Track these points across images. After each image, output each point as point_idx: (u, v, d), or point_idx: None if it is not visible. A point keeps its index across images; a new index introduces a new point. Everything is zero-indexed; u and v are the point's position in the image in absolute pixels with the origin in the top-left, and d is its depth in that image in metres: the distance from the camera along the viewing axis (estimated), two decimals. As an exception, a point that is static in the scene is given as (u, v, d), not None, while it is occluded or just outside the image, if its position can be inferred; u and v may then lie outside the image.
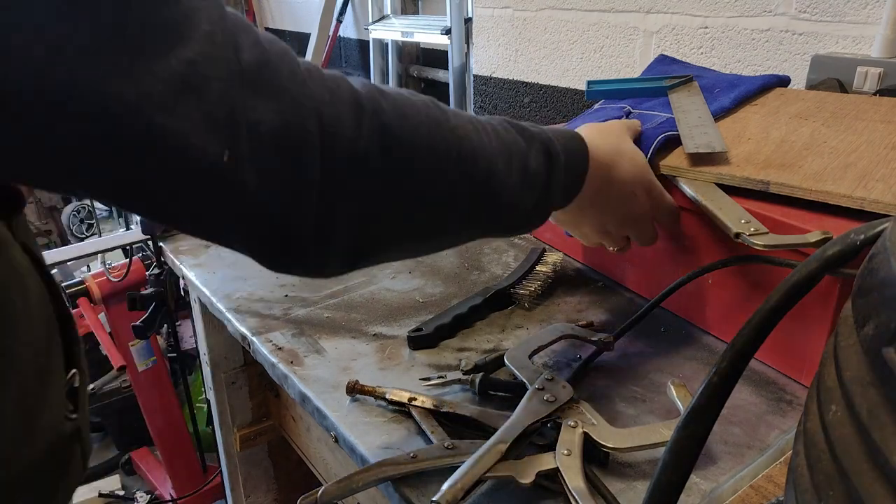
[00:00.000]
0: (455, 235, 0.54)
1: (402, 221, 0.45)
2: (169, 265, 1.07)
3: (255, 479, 1.27)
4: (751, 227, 0.63)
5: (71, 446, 0.51)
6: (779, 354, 0.69)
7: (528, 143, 0.54)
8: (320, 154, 0.38)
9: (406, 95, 0.45)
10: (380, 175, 0.41)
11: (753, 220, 0.64)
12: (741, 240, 0.62)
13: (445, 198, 0.47)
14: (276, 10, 2.99)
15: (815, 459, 0.24)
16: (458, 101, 1.76)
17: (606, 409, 0.65)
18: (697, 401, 0.32)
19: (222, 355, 1.12)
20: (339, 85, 0.40)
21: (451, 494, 0.51)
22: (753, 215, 0.65)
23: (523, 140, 0.54)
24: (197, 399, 1.95)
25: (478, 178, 0.48)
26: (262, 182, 0.37)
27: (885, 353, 0.21)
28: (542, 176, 0.55)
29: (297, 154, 0.37)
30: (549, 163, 0.56)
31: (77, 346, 0.54)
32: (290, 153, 0.37)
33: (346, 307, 0.86)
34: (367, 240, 0.44)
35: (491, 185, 0.49)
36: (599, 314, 0.83)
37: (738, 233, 0.63)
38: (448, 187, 0.46)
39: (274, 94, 0.37)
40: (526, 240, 1.05)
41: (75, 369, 0.53)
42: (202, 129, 0.34)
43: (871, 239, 0.29)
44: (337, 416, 0.65)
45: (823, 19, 0.97)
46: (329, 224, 0.40)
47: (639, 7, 1.22)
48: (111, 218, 3.45)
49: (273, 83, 0.37)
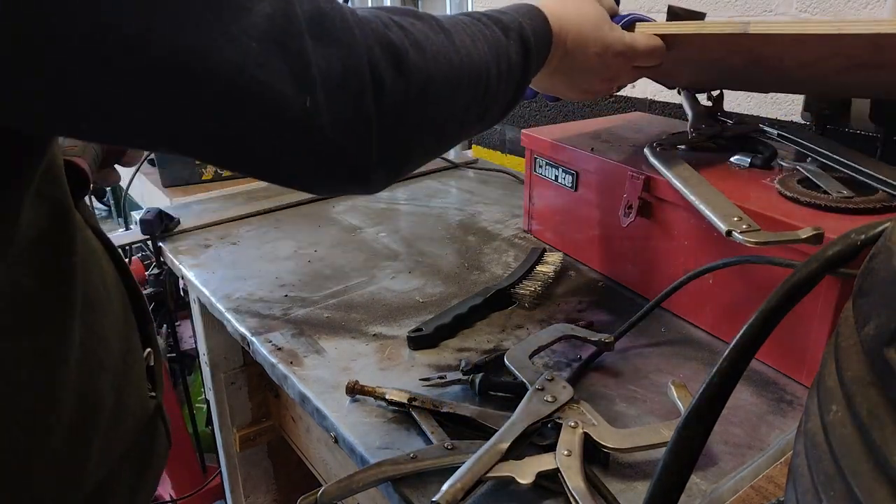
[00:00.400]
0: (460, 138, 0.59)
1: (429, 139, 0.51)
2: (168, 265, 1.07)
3: (254, 480, 1.27)
4: (742, 225, 0.62)
5: (155, 423, 0.56)
6: (779, 354, 0.69)
7: (507, 37, 0.57)
8: (373, 93, 0.42)
9: (419, 27, 0.48)
10: (413, 105, 0.46)
11: (745, 217, 0.63)
12: (732, 237, 0.62)
13: (459, 115, 0.52)
14: (276, 11, 2.99)
15: (815, 459, 0.24)
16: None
17: (606, 409, 0.65)
18: (697, 401, 0.32)
19: (222, 355, 1.12)
20: (375, 28, 0.44)
21: (451, 494, 0.51)
22: (745, 212, 0.64)
23: (504, 35, 0.56)
24: (197, 399, 1.94)
25: (481, 92, 0.53)
26: (334, 123, 0.40)
27: (885, 353, 0.21)
28: (520, 67, 0.58)
29: (359, 95, 0.41)
30: (526, 54, 0.58)
31: (150, 326, 0.57)
32: (353, 95, 0.41)
33: (346, 307, 0.86)
34: (406, 157, 0.50)
35: (489, 94, 0.54)
36: (599, 314, 0.83)
37: (729, 230, 0.62)
38: (462, 108, 0.52)
39: (335, 42, 0.40)
40: (526, 240, 1.05)
41: (150, 348, 0.56)
42: (289, 82, 0.37)
43: (872, 239, 0.29)
44: (337, 417, 0.65)
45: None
46: (384, 151, 0.45)
47: (639, 7, 1.22)
48: (111, 218, 3.45)
49: (332, 32, 0.40)
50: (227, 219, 1.16)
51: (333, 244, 1.05)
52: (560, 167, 0.96)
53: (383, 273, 0.95)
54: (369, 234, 1.10)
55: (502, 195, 1.27)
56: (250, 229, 1.13)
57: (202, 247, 1.06)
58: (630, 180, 0.81)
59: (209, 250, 1.04)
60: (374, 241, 1.07)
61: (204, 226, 1.14)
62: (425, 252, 1.02)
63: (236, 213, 1.18)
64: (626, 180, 0.81)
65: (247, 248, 1.05)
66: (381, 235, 1.09)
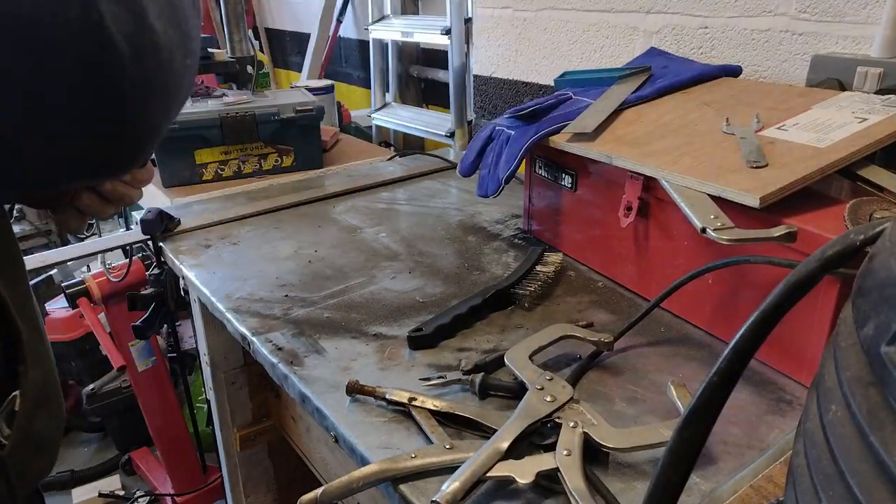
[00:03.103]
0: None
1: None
2: (169, 265, 1.07)
3: (255, 479, 1.27)
4: (717, 223, 0.65)
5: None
6: (779, 354, 0.69)
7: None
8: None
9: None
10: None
11: (721, 216, 0.66)
12: (706, 234, 0.64)
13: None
14: (276, 10, 2.99)
15: (814, 459, 0.24)
16: (458, 101, 1.76)
17: (606, 409, 0.65)
18: (697, 401, 0.32)
19: (222, 355, 1.12)
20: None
21: (451, 494, 0.51)
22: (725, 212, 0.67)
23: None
24: (197, 399, 1.95)
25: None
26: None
27: (884, 353, 0.21)
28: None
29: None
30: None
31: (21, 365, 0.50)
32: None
33: (346, 307, 0.86)
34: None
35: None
36: (599, 314, 0.83)
37: (703, 227, 0.65)
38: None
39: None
40: (526, 240, 1.05)
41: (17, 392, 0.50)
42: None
43: (871, 239, 0.29)
44: (337, 416, 0.65)
45: (823, 19, 0.96)
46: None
47: (639, 7, 1.22)
48: (111, 218, 3.45)
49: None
50: (228, 219, 1.16)
51: (333, 244, 1.06)
52: (560, 167, 0.96)
53: (383, 273, 0.95)
54: (369, 234, 1.10)
55: (502, 195, 1.26)
56: (251, 229, 1.13)
57: (202, 247, 1.06)
58: (629, 180, 0.81)
59: (209, 250, 1.04)
60: (374, 241, 1.07)
61: (204, 226, 1.14)
62: (425, 252, 1.02)
63: (237, 213, 1.18)
64: (626, 180, 0.82)
65: (247, 248, 1.05)
66: (381, 235, 1.09)
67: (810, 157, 0.69)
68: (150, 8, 0.37)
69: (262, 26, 3.08)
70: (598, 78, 1.04)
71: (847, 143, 0.70)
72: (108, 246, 1.20)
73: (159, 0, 0.38)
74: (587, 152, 0.85)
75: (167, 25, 0.38)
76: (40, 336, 0.55)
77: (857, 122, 0.74)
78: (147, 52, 0.37)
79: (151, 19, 0.37)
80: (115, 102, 0.37)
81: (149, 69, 0.38)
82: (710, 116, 0.85)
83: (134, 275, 1.36)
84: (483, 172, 1.01)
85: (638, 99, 0.94)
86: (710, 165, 0.73)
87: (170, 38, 0.39)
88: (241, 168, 1.47)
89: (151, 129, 0.41)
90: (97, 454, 2.19)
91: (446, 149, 1.68)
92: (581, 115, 0.91)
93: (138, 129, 0.40)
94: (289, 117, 1.45)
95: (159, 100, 0.40)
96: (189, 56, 0.42)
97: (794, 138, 0.74)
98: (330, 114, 1.80)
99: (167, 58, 0.39)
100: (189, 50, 0.42)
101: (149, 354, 1.58)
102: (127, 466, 2.04)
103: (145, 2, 0.36)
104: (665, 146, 0.80)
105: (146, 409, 1.64)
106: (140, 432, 1.79)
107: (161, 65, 0.39)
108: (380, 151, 1.70)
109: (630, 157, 0.80)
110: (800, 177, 0.66)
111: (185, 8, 0.41)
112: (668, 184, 0.73)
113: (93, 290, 1.39)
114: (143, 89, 0.38)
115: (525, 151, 0.92)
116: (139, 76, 0.37)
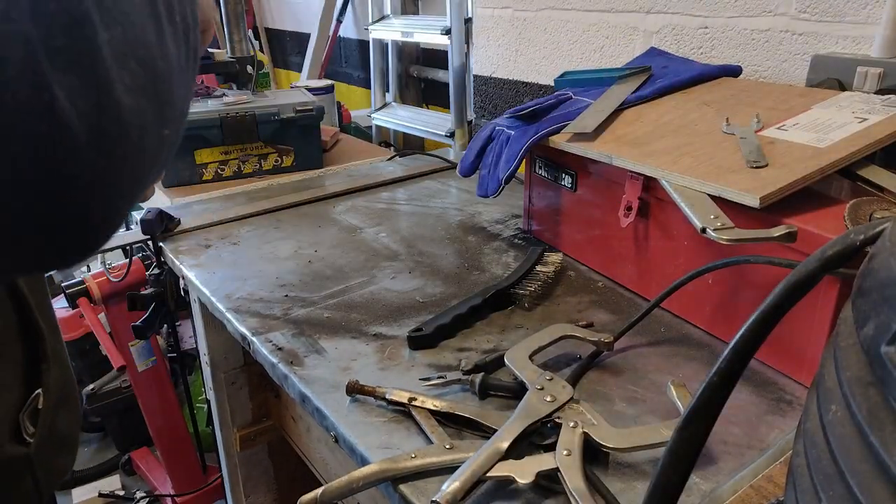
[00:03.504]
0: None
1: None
2: (169, 265, 1.07)
3: (255, 480, 1.27)
4: (717, 223, 0.65)
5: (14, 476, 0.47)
6: (779, 354, 0.69)
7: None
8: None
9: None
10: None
11: (721, 216, 0.66)
12: (706, 234, 0.64)
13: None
14: (276, 10, 2.99)
15: (815, 459, 0.24)
16: (458, 101, 1.76)
17: (606, 409, 0.65)
18: (697, 401, 0.32)
19: (222, 355, 1.12)
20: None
21: (451, 494, 0.51)
22: (726, 212, 0.67)
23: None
24: (197, 399, 1.95)
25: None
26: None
27: (884, 353, 0.21)
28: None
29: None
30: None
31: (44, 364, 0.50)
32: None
33: (346, 307, 0.86)
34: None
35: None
36: (599, 314, 0.83)
37: (703, 227, 0.65)
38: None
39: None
40: (526, 240, 1.05)
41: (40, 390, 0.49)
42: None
43: (871, 239, 0.29)
44: (337, 416, 0.65)
45: (823, 19, 0.96)
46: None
47: (639, 7, 1.21)
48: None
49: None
50: (228, 219, 1.16)
51: (333, 244, 1.06)
52: (560, 167, 0.96)
53: (383, 273, 0.95)
54: (369, 234, 1.10)
55: (502, 195, 1.26)
56: (251, 229, 1.13)
57: (202, 247, 1.06)
58: (629, 180, 0.81)
59: (209, 250, 1.04)
60: (374, 241, 1.07)
61: (204, 226, 1.14)
62: (425, 252, 1.02)
63: (237, 213, 1.18)
64: (626, 180, 0.82)
65: (247, 248, 1.05)
66: (381, 235, 1.09)
67: (810, 157, 0.69)
68: (118, 79, 0.31)
69: (262, 26, 3.08)
70: (598, 78, 1.04)
71: (847, 143, 0.70)
72: (107, 246, 1.20)
73: (133, 67, 0.32)
74: (587, 152, 0.85)
75: (139, 97, 0.33)
76: (58, 335, 0.55)
77: (857, 122, 0.74)
78: (108, 134, 0.32)
79: (118, 93, 0.32)
80: (66, 191, 0.32)
81: (110, 152, 0.32)
82: (710, 116, 0.85)
83: (134, 275, 1.36)
84: (483, 172, 1.01)
85: (638, 99, 0.94)
86: (710, 165, 0.73)
87: (142, 113, 0.33)
88: (241, 168, 1.47)
89: (109, 219, 0.35)
90: (97, 454, 2.19)
91: (446, 149, 1.68)
92: (581, 115, 0.91)
93: (92, 218, 0.34)
94: (289, 117, 1.45)
95: (124, 184, 0.34)
96: (168, 125, 0.37)
97: (794, 138, 0.74)
98: (330, 114, 1.80)
99: (136, 136, 0.33)
100: (167, 119, 0.36)
101: (149, 354, 1.58)
102: (127, 466, 2.04)
103: (113, 72, 0.31)
104: (665, 146, 0.80)
105: (146, 409, 1.64)
106: (140, 432, 1.79)
107: (127, 146, 0.33)
108: (380, 151, 1.70)
109: (630, 157, 0.80)
110: (800, 177, 0.66)
111: (169, 72, 0.36)
112: (668, 184, 0.73)
113: (93, 290, 1.39)
114: (102, 175, 0.32)
115: (525, 151, 0.92)
116: (98, 161, 0.32)
